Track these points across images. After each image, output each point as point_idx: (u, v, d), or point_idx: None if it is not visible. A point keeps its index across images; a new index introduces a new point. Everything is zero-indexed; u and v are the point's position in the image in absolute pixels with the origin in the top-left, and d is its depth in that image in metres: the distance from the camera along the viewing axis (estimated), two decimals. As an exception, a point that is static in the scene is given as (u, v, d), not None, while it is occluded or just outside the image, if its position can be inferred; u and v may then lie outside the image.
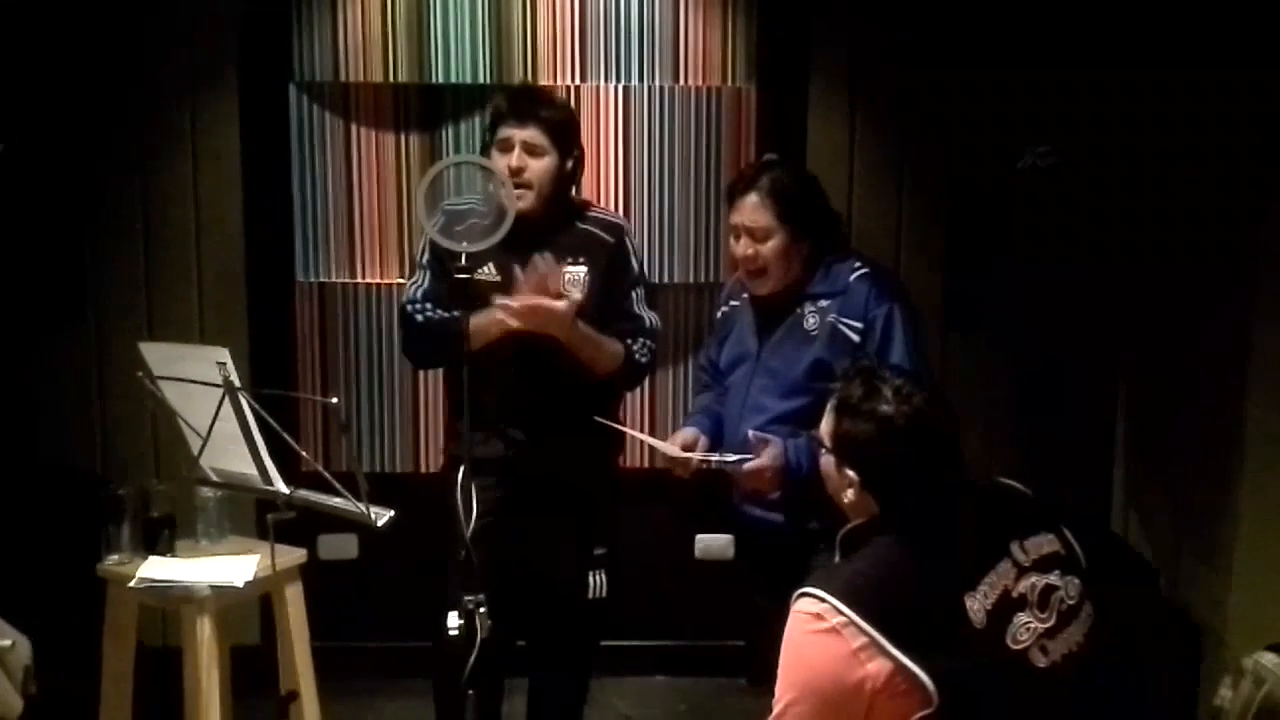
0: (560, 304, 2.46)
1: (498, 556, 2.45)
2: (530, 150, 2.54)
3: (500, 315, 2.46)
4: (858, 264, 2.46)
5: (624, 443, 2.86)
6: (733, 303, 2.62)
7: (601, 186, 3.41)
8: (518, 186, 2.48)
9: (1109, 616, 1.83)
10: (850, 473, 1.81)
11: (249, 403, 2.25)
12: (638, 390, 3.27)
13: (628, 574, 2.88)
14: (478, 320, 2.42)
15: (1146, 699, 2.72)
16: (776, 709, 1.71)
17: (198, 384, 2.24)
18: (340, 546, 3.40)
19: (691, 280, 3.50)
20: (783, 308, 2.48)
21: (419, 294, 2.62)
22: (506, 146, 2.54)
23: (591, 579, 2.71)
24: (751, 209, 2.43)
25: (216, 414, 2.25)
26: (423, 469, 3.49)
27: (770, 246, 2.43)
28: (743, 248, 2.46)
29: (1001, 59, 3.28)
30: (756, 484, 2.41)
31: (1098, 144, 3.25)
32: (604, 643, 2.91)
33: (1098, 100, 3.23)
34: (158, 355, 2.36)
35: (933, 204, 3.43)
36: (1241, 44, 2.75)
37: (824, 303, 2.42)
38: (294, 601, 2.68)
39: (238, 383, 2.25)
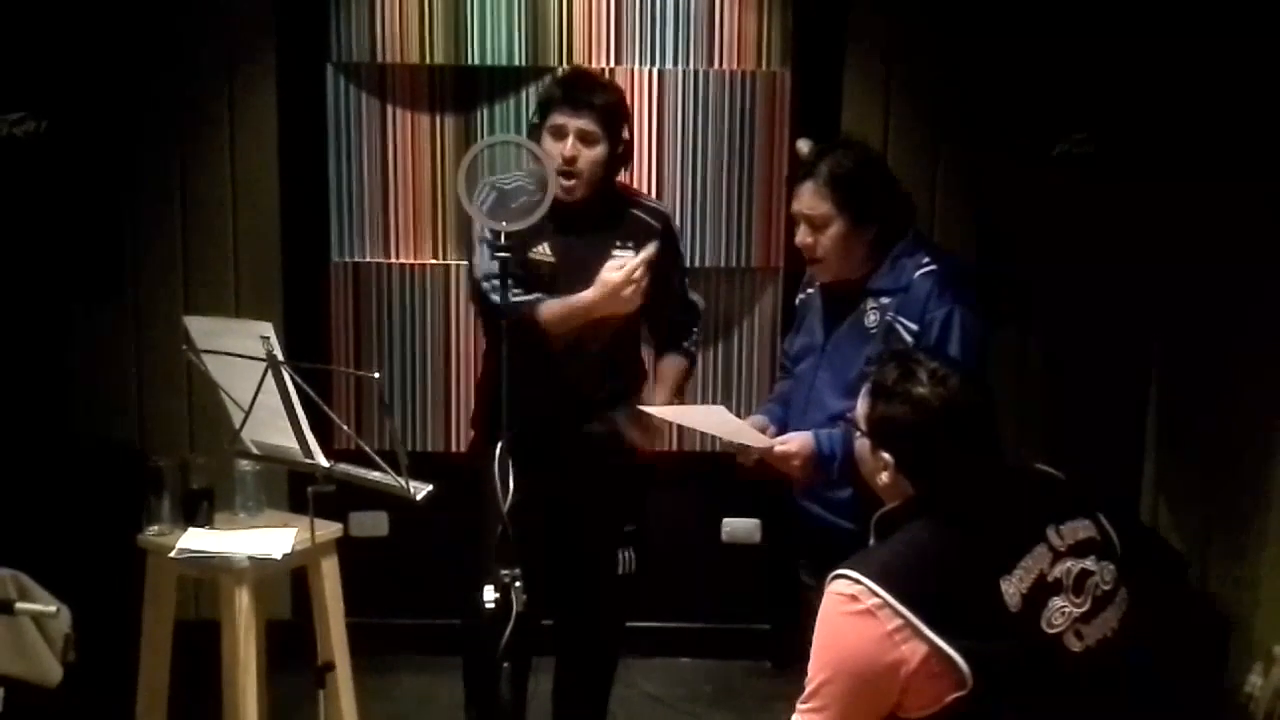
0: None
1: (528, 534, 2.47)
2: (584, 138, 2.52)
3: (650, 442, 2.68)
4: (925, 259, 2.34)
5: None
6: (809, 289, 2.54)
7: (635, 170, 3.41)
8: (569, 176, 2.49)
9: (1142, 603, 1.84)
10: (885, 455, 1.82)
11: (291, 376, 2.28)
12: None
13: (655, 556, 2.89)
14: (552, 310, 2.46)
15: (1172, 686, 2.72)
16: (809, 688, 1.72)
17: (242, 358, 2.27)
18: (371, 524, 3.44)
19: (723, 265, 3.51)
20: (849, 300, 2.39)
21: (485, 272, 2.55)
22: (560, 134, 2.52)
23: (621, 555, 2.73)
24: (809, 196, 2.35)
25: (259, 387, 2.28)
26: (454, 448, 3.52)
27: (829, 235, 2.34)
28: (801, 236, 2.39)
29: (1038, 51, 3.27)
30: (786, 470, 2.36)
31: (1132, 134, 3.24)
32: (630, 624, 2.93)
33: (1134, 90, 3.21)
34: (202, 328, 2.39)
35: (966, 192, 3.42)
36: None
37: (885, 300, 2.32)
38: (330, 574, 2.71)
39: (281, 357, 2.27)
